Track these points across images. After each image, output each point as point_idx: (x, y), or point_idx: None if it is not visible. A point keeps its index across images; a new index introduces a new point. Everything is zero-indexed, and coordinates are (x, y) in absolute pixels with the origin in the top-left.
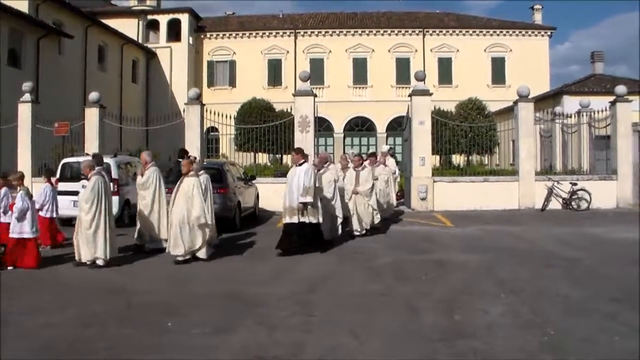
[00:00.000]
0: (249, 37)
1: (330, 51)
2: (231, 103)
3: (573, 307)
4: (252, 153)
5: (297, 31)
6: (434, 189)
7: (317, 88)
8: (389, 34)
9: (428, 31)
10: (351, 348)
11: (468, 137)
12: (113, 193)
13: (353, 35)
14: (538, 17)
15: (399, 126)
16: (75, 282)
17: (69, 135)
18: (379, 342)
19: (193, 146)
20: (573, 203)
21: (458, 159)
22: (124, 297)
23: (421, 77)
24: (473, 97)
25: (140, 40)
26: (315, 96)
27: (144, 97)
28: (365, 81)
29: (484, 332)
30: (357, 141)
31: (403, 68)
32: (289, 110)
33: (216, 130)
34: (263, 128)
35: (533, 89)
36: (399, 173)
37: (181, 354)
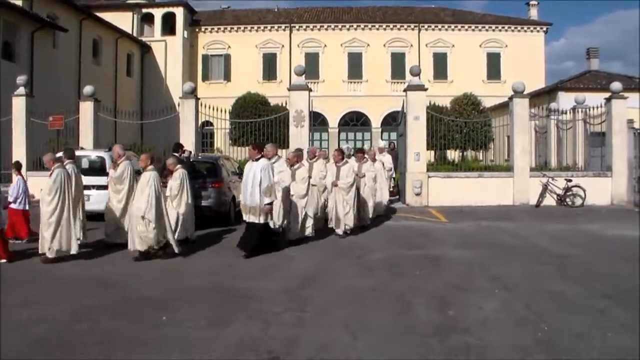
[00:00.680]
0: (244, 31)
1: (325, 45)
2: (226, 97)
3: (567, 304)
4: (247, 147)
5: (292, 25)
6: (429, 185)
7: (312, 82)
8: (384, 29)
9: (423, 26)
10: (345, 343)
11: (463, 133)
12: (107, 187)
13: (348, 29)
14: (534, 13)
15: (394, 121)
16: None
17: (64, 129)
18: (373, 338)
19: (188, 140)
20: (568, 199)
21: (453, 155)
22: (119, 291)
23: (416, 72)
24: (468, 93)
25: (134, 33)
26: (310, 90)
27: (139, 91)
28: (360, 76)
29: (478, 328)
30: (352, 136)
31: (398, 63)
32: (284, 104)
33: (211, 124)
34: (258, 122)
35: (528, 85)
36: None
37: (175, 348)
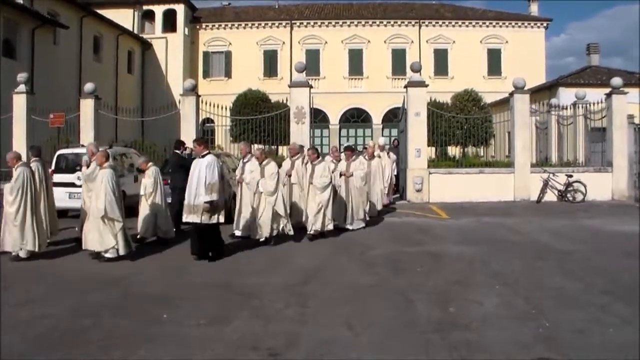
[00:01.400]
0: (245, 28)
1: (326, 42)
2: (227, 94)
3: (567, 299)
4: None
5: (293, 22)
6: (430, 181)
7: (313, 79)
8: (385, 25)
9: (424, 22)
10: (346, 339)
11: (464, 129)
12: None
13: (349, 26)
14: (534, 9)
15: (395, 117)
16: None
17: (64, 126)
18: (374, 334)
19: (188, 137)
20: (568, 195)
21: (454, 151)
22: (121, 288)
23: (417, 69)
24: (469, 89)
25: (135, 30)
26: (311, 87)
27: (140, 88)
28: (361, 72)
29: (479, 324)
30: (353, 132)
31: (399, 59)
32: (285, 101)
33: (212, 121)
34: (259, 119)
35: (529, 81)
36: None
37: (176, 345)
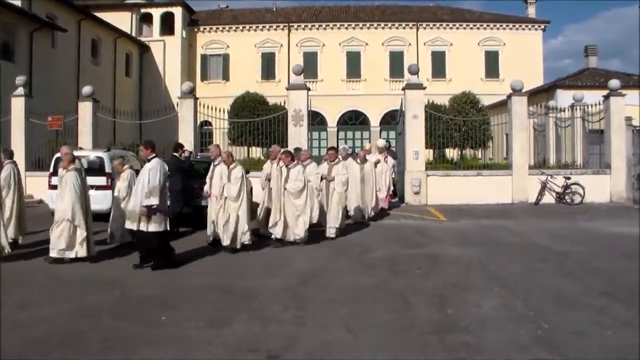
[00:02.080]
0: (243, 31)
1: (323, 45)
2: (225, 97)
3: (566, 301)
4: (246, 147)
5: (291, 25)
6: (428, 183)
7: (311, 82)
8: (383, 28)
9: (422, 24)
10: (345, 341)
11: (461, 131)
12: (106, 187)
13: (347, 28)
14: (532, 11)
15: (393, 120)
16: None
17: (63, 129)
18: (372, 336)
19: (187, 140)
20: (567, 197)
21: (452, 153)
22: (119, 290)
23: (414, 71)
24: (467, 91)
25: (133, 33)
26: (308, 90)
27: (138, 91)
28: (358, 75)
29: (477, 326)
30: (351, 135)
31: (397, 62)
32: (283, 104)
33: (210, 124)
34: (256, 122)
35: (526, 83)
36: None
37: (175, 347)
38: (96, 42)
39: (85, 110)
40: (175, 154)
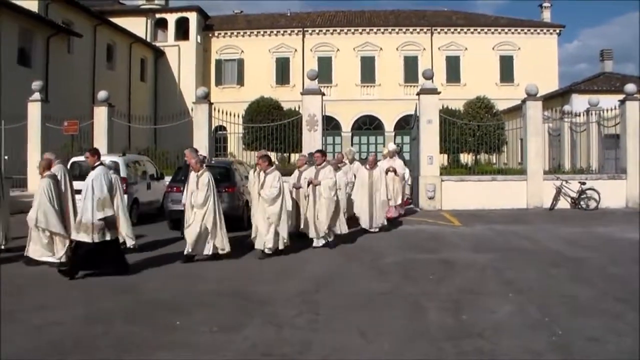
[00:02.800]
0: (257, 36)
1: (338, 50)
2: (239, 102)
3: (581, 307)
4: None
5: (305, 30)
6: (442, 188)
7: (325, 87)
8: (397, 33)
9: (436, 29)
10: (358, 347)
11: (476, 136)
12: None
13: (361, 33)
14: (547, 15)
15: (407, 125)
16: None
17: (78, 133)
18: (386, 341)
19: (201, 145)
20: (582, 202)
21: (466, 158)
22: (133, 295)
23: (429, 76)
24: (481, 96)
25: (148, 39)
26: (323, 95)
27: (153, 96)
28: (373, 80)
29: (491, 332)
30: (365, 140)
31: (411, 66)
32: (297, 108)
33: (224, 129)
34: (271, 127)
35: (541, 88)
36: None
37: (189, 352)
38: (111, 48)
39: (100, 115)
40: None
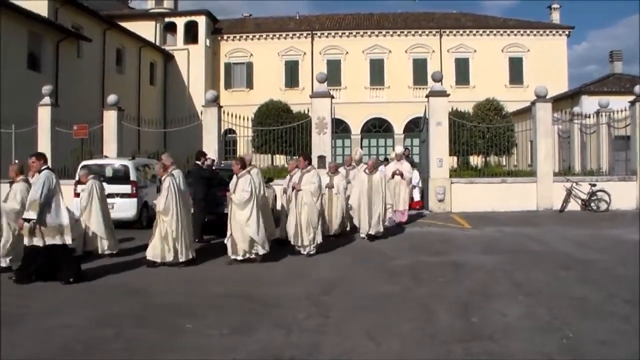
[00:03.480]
0: (266, 39)
1: (347, 52)
2: (248, 105)
3: (591, 310)
4: (270, 155)
5: (314, 32)
6: (452, 191)
7: (334, 89)
8: (406, 35)
9: (445, 32)
10: (367, 349)
11: (486, 138)
12: (131, 195)
13: (370, 36)
14: (556, 17)
15: (417, 127)
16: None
17: (88, 137)
18: (395, 344)
19: (210, 148)
20: (592, 204)
21: (476, 160)
22: (143, 298)
23: (438, 78)
24: (490, 98)
25: (157, 42)
26: (332, 98)
27: (162, 99)
28: (382, 82)
29: (501, 335)
30: (375, 142)
31: (420, 69)
32: (306, 111)
33: (234, 132)
34: (280, 130)
35: (551, 89)
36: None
37: (198, 355)
38: (121, 52)
39: (110, 118)
40: (197, 162)
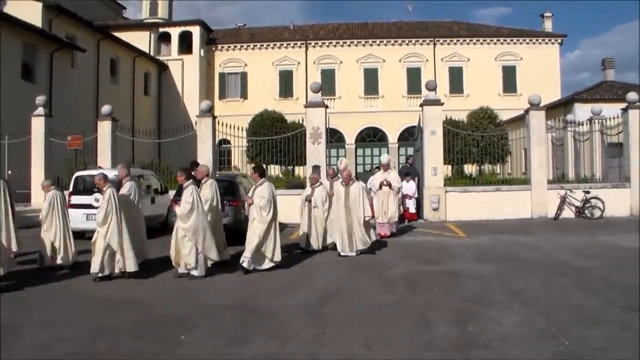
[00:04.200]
0: (260, 49)
1: (341, 62)
2: (243, 115)
3: (587, 317)
4: (264, 165)
5: (308, 42)
6: (446, 199)
7: (329, 99)
8: (400, 44)
9: (439, 40)
10: (365, 359)
11: (480, 147)
12: None
13: (364, 45)
14: (548, 25)
15: (411, 136)
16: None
17: (82, 148)
18: (392, 353)
19: (205, 158)
20: (586, 211)
21: (470, 169)
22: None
23: (432, 87)
24: (484, 106)
25: (152, 52)
26: (326, 107)
27: (156, 110)
28: (376, 91)
29: (497, 343)
30: (369, 152)
31: (414, 78)
32: (301, 121)
33: (228, 142)
34: (275, 140)
35: (544, 97)
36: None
37: None
38: (115, 62)
39: (104, 129)
40: (191, 173)
